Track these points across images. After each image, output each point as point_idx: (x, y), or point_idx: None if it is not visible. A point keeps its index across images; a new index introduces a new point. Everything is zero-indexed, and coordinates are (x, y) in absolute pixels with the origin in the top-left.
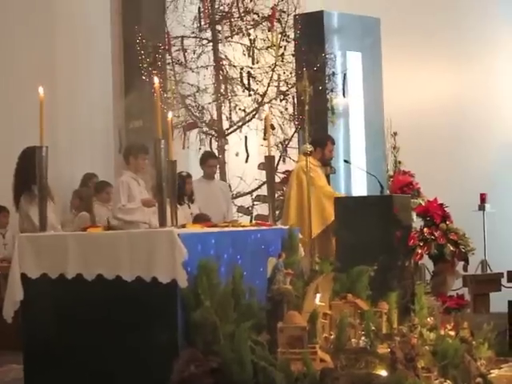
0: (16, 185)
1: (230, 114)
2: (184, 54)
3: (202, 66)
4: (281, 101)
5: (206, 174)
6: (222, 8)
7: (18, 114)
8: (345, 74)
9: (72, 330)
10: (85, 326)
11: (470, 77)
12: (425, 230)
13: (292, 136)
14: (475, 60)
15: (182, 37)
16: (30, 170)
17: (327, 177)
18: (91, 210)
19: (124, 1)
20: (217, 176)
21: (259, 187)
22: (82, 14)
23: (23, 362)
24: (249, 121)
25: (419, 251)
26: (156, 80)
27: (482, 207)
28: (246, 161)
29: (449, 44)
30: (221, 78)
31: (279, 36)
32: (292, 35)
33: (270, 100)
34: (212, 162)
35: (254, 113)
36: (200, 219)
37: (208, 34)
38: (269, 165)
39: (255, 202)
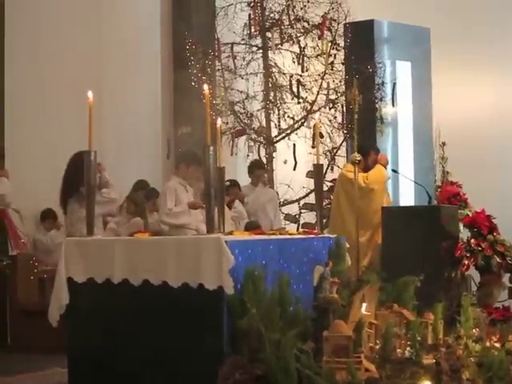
0: (64, 188)
1: (279, 121)
2: (234, 61)
3: (251, 73)
4: (330, 109)
5: (253, 183)
6: (272, 15)
7: (65, 119)
8: (394, 84)
9: (117, 335)
10: (130, 332)
11: None
12: (472, 241)
13: (340, 144)
14: None
15: (232, 43)
16: (78, 173)
17: None
18: (145, 215)
19: (174, 7)
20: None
21: (307, 195)
22: (132, 19)
23: (67, 366)
24: (297, 128)
25: (466, 262)
26: (206, 86)
27: None
28: (294, 168)
29: (499, 54)
30: (270, 85)
31: (329, 44)
32: (342, 44)
33: (319, 108)
34: (259, 173)
35: (302, 121)
36: (251, 226)
37: (258, 41)
38: (317, 173)
39: (302, 210)
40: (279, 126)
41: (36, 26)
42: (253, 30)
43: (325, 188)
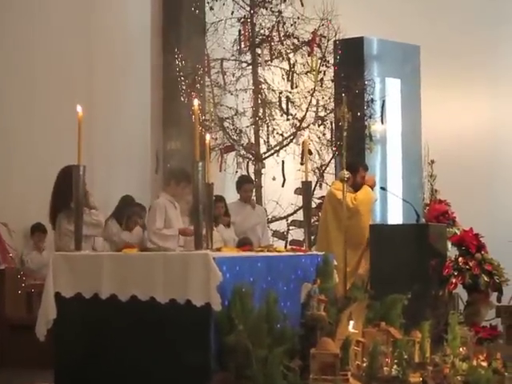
0: (54, 203)
1: (268, 137)
2: (223, 77)
3: (240, 89)
4: (319, 126)
5: (242, 199)
6: (262, 32)
7: (54, 134)
8: (383, 101)
9: (104, 350)
10: (117, 347)
11: (508, 106)
12: (460, 259)
13: (329, 161)
14: None
15: (222, 59)
16: (68, 188)
17: None
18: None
19: (164, 22)
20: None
21: (295, 212)
22: (121, 34)
23: (54, 381)
24: (286, 145)
25: (453, 281)
26: (195, 102)
27: None
28: (283, 185)
29: (488, 72)
30: (259, 101)
31: (319, 61)
32: (332, 60)
33: (308, 125)
34: (248, 187)
35: (291, 137)
36: (243, 243)
37: (248, 58)
38: (305, 190)
39: (290, 227)
40: (268, 142)
41: (24, 40)
42: (243, 45)
43: (313, 205)
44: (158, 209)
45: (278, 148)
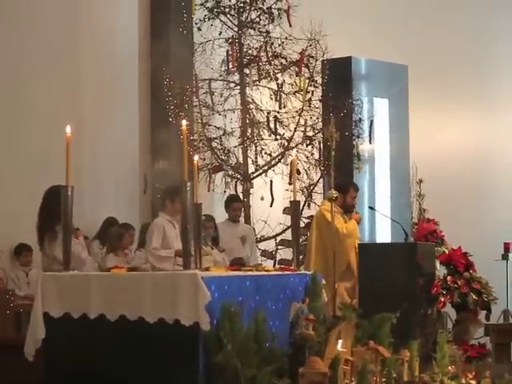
0: (40, 224)
1: (256, 157)
2: (211, 97)
3: (229, 109)
4: (307, 146)
5: (231, 218)
6: (250, 52)
7: (42, 153)
8: (371, 121)
9: (92, 370)
10: (106, 367)
11: (495, 127)
12: (448, 278)
13: (317, 181)
14: (501, 111)
15: (210, 79)
16: (54, 210)
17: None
18: (119, 251)
19: (152, 41)
20: (241, 219)
21: (283, 231)
22: (110, 54)
23: None
24: (274, 165)
25: (442, 299)
26: (183, 122)
27: (505, 256)
28: (271, 205)
29: (475, 94)
30: (247, 121)
31: (307, 81)
32: (319, 80)
33: (297, 145)
34: (236, 206)
35: (279, 157)
36: (236, 263)
37: (236, 78)
38: (294, 209)
39: (279, 247)
40: (256, 162)
41: (10, 58)
42: (230, 66)
43: (301, 224)
44: (156, 229)
45: (266, 168)
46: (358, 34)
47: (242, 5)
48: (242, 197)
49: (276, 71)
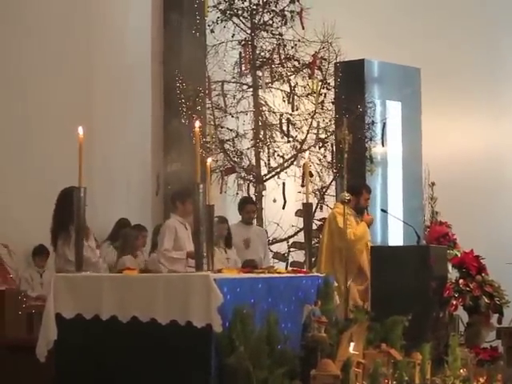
0: (54, 225)
1: (269, 159)
2: (224, 99)
3: (241, 112)
4: (319, 148)
5: (244, 220)
6: (262, 54)
7: (55, 155)
8: (384, 123)
9: (105, 371)
10: (117, 368)
11: (507, 129)
12: (460, 281)
13: (330, 184)
14: None
15: (223, 82)
16: (68, 211)
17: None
18: (135, 253)
19: (165, 44)
20: (254, 221)
21: (296, 234)
22: (122, 55)
23: None
24: (287, 167)
25: (454, 302)
26: (196, 124)
27: None
28: (284, 207)
29: (487, 96)
30: (260, 123)
31: (319, 83)
32: (332, 83)
33: (309, 147)
34: (250, 208)
35: (292, 159)
36: (248, 265)
37: (248, 80)
38: (306, 212)
39: (291, 249)
40: (269, 164)
41: (22, 62)
42: (243, 68)
43: (314, 227)
44: (168, 230)
45: (278, 170)
46: (370, 37)
47: (254, 7)
48: (254, 199)
49: (289, 73)
